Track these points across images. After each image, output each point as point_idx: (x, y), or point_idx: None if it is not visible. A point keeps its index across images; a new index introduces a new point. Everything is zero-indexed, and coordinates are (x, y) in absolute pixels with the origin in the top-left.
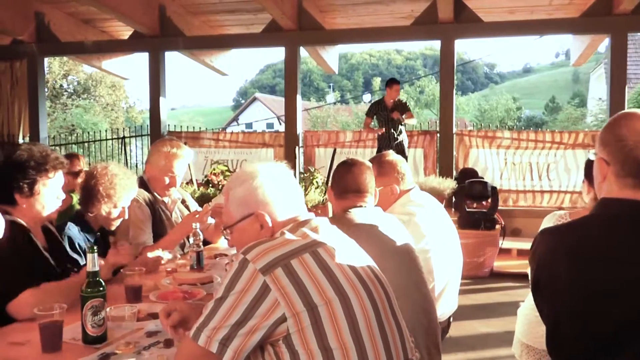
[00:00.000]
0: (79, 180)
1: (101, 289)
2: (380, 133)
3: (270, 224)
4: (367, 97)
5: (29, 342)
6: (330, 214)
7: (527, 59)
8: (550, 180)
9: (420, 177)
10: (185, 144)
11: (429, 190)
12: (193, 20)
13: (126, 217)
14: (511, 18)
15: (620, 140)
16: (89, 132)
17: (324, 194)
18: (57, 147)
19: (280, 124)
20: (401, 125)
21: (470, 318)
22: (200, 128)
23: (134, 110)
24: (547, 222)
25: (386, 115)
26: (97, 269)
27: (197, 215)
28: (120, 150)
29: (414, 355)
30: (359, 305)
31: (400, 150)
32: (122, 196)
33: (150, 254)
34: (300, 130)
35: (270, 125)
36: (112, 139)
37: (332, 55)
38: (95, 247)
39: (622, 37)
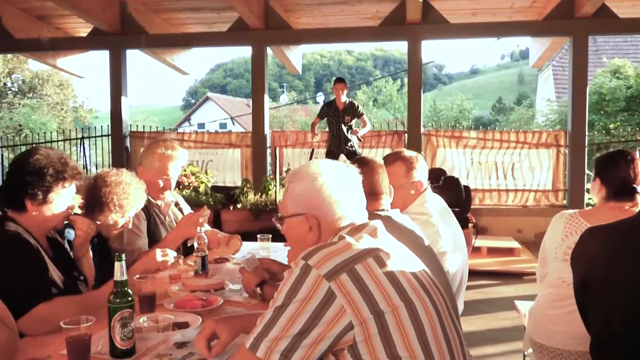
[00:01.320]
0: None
1: (130, 299)
2: (316, 136)
3: (320, 229)
4: (320, 98)
5: (51, 357)
6: None
7: (474, 61)
8: (515, 179)
9: None
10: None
11: None
12: (154, 17)
13: (130, 226)
14: (473, 20)
15: None
16: (44, 133)
17: None
18: (6, 149)
19: (233, 124)
20: (351, 127)
21: None
22: (163, 128)
23: (82, 109)
24: (557, 222)
25: (337, 117)
26: (125, 278)
27: (193, 217)
28: (77, 152)
29: None
30: (424, 311)
31: (352, 152)
32: (132, 206)
33: (159, 256)
34: (267, 130)
35: (223, 126)
36: (70, 139)
37: (297, 55)
38: (122, 256)
39: (583, 40)
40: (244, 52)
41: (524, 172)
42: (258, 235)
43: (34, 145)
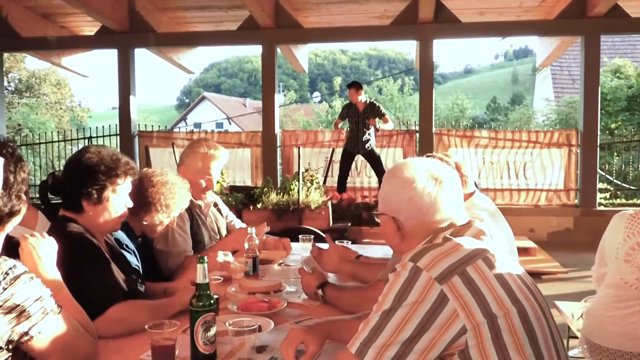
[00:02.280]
0: None
1: (212, 302)
2: (342, 135)
3: (402, 232)
4: (317, 99)
5: None
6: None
7: (467, 60)
8: (527, 178)
9: None
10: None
11: None
12: (161, 16)
13: (174, 226)
14: (481, 19)
15: None
16: (51, 133)
17: (323, 194)
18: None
19: (230, 124)
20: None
21: None
22: (172, 128)
23: (79, 109)
24: (618, 222)
25: (358, 118)
26: (207, 280)
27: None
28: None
29: None
30: (534, 315)
31: (369, 152)
32: (178, 206)
33: (221, 257)
34: (277, 130)
35: (219, 125)
36: (77, 139)
37: (304, 54)
38: (205, 258)
39: (596, 40)
40: (237, 52)
41: (535, 172)
42: (300, 236)
43: (34, 145)
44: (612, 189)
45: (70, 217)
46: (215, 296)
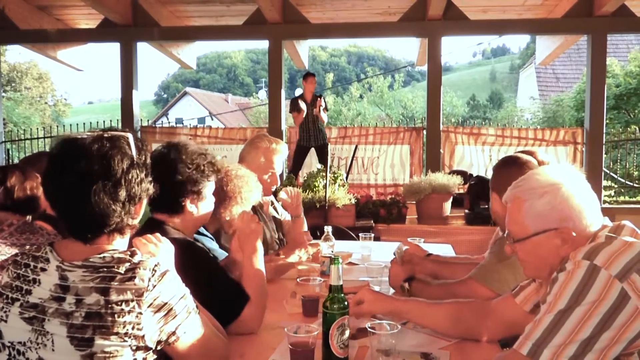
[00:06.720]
0: None
1: (346, 304)
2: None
3: (573, 239)
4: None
5: None
6: None
7: (445, 58)
8: None
9: (407, 174)
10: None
11: (439, 186)
12: (161, 10)
13: None
14: (484, 17)
15: None
16: (50, 128)
17: (347, 191)
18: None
19: (212, 119)
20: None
21: None
22: (175, 123)
23: (61, 103)
24: None
25: (308, 109)
26: (341, 282)
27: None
28: None
29: None
30: None
31: (323, 145)
32: (254, 199)
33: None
34: (284, 126)
35: (201, 121)
36: None
37: (304, 49)
38: (339, 259)
39: (602, 38)
40: (216, 47)
41: None
42: (360, 234)
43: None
44: (616, 186)
45: (160, 219)
46: (316, 296)
